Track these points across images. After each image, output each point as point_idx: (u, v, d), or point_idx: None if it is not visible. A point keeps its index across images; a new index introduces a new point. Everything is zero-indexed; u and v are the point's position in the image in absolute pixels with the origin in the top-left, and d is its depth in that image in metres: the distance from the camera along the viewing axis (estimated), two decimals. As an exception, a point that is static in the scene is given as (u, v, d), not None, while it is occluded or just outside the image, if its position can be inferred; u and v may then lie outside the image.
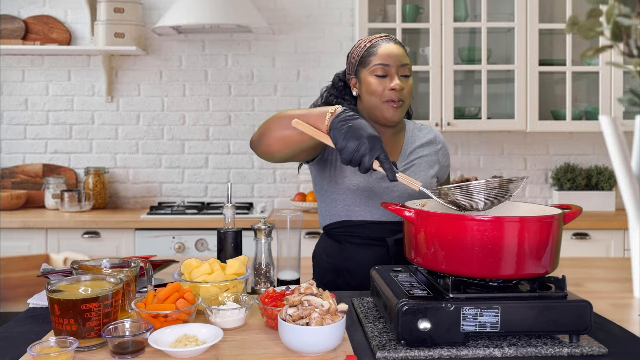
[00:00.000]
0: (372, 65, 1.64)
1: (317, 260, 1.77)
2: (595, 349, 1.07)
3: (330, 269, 1.70)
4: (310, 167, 1.75)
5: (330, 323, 1.05)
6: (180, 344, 1.06)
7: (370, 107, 1.66)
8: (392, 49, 1.65)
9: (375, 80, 1.64)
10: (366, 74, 1.66)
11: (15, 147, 3.63)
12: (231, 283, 1.29)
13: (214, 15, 3.18)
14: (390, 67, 1.63)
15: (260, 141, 1.48)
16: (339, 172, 1.67)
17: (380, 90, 1.63)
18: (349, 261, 1.67)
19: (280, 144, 1.43)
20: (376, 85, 1.63)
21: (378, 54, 1.64)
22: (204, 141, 3.65)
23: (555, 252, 1.13)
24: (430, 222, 1.14)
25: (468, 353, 1.06)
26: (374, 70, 1.64)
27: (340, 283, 1.67)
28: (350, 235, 1.68)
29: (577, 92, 3.54)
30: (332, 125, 1.28)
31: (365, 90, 1.67)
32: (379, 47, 1.65)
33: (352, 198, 1.66)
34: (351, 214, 1.67)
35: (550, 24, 3.35)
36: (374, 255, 1.64)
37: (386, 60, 1.63)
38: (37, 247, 3.11)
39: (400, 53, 1.65)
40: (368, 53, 1.67)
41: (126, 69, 3.62)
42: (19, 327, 1.24)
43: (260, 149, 1.49)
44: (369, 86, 1.65)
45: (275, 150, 1.45)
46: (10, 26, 3.53)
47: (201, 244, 3.12)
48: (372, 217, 1.66)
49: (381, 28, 3.32)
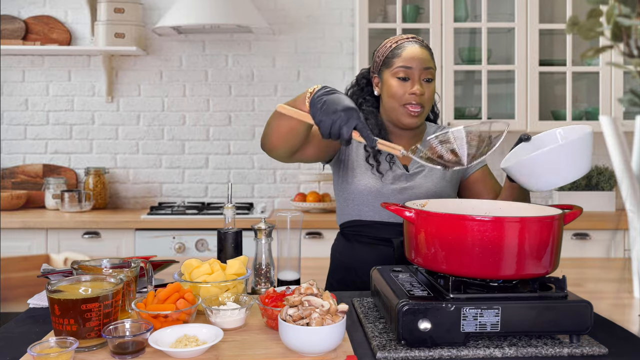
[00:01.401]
0: (394, 67, 1.63)
1: (331, 256, 1.81)
2: (595, 349, 1.07)
3: (342, 266, 1.75)
4: (331, 168, 1.79)
5: (330, 323, 1.05)
6: (180, 344, 1.06)
7: (390, 108, 1.66)
8: (417, 51, 1.63)
9: (396, 83, 1.63)
10: (388, 74, 1.65)
11: (15, 147, 3.63)
12: (231, 283, 1.30)
13: (214, 15, 3.18)
14: (413, 70, 1.62)
15: (264, 138, 1.52)
16: (350, 172, 1.70)
17: (400, 93, 1.62)
18: (356, 259, 1.70)
19: (277, 136, 1.46)
20: (396, 88, 1.63)
21: (402, 56, 1.63)
22: (204, 141, 3.65)
23: (555, 252, 1.13)
24: (430, 222, 1.14)
25: (468, 353, 1.06)
26: (396, 72, 1.63)
27: (348, 281, 1.71)
28: (359, 235, 1.71)
29: (577, 92, 3.54)
30: (311, 102, 1.29)
31: (385, 91, 1.67)
32: (404, 49, 1.64)
33: (362, 198, 1.68)
34: (361, 213, 1.69)
35: (550, 24, 3.35)
36: (379, 254, 1.65)
37: (409, 62, 1.62)
38: (37, 247, 3.10)
39: (425, 56, 1.64)
40: (392, 54, 1.65)
41: (126, 69, 3.62)
42: (19, 327, 1.24)
43: (266, 147, 1.53)
44: (389, 88, 1.65)
45: (275, 144, 1.49)
46: (10, 26, 3.53)
47: (201, 244, 3.12)
48: (381, 217, 1.67)
49: (381, 28, 3.32)
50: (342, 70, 3.62)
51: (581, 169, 1.29)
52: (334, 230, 3.11)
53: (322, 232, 3.10)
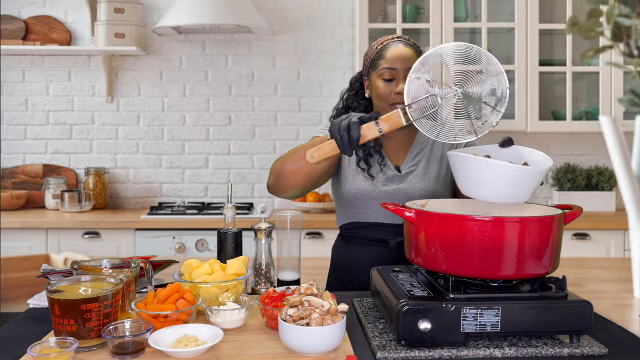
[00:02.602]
0: (380, 69, 1.65)
1: (332, 258, 1.83)
2: (595, 349, 1.07)
3: (340, 267, 1.76)
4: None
5: (330, 323, 1.05)
6: (180, 344, 1.06)
7: (379, 109, 1.68)
8: (401, 51, 1.64)
9: (382, 84, 1.65)
10: (375, 76, 1.67)
11: (15, 147, 3.63)
12: (231, 283, 1.30)
13: (214, 15, 3.18)
14: (398, 70, 1.63)
15: (278, 182, 1.59)
16: (343, 177, 1.73)
17: (387, 94, 1.64)
18: (353, 260, 1.71)
19: (299, 179, 1.53)
20: (383, 89, 1.64)
21: (386, 57, 1.64)
22: (204, 141, 3.65)
23: (555, 252, 1.13)
24: (430, 222, 1.14)
25: (468, 353, 1.06)
26: (382, 73, 1.65)
27: (346, 281, 1.73)
28: (357, 236, 1.72)
29: (577, 92, 3.54)
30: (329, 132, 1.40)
31: (374, 93, 1.69)
32: (387, 50, 1.65)
33: (355, 202, 1.70)
34: (357, 215, 1.71)
35: (550, 24, 3.35)
36: (375, 255, 1.66)
37: (393, 63, 1.63)
38: (37, 247, 3.10)
39: (409, 55, 1.64)
40: (377, 55, 1.67)
41: (126, 69, 3.61)
42: (19, 327, 1.24)
43: (279, 189, 1.60)
44: (376, 89, 1.67)
45: (295, 186, 1.56)
46: (10, 26, 3.53)
47: (201, 244, 3.12)
48: (376, 219, 1.68)
49: (381, 28, 3.32)
50: (342, 70, 3.62)
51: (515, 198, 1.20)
52: (334, 230, 3.11)
53: (322, 232, 3.10)
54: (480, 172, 1.18)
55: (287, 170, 1.54)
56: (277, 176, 1.58)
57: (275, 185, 1.60)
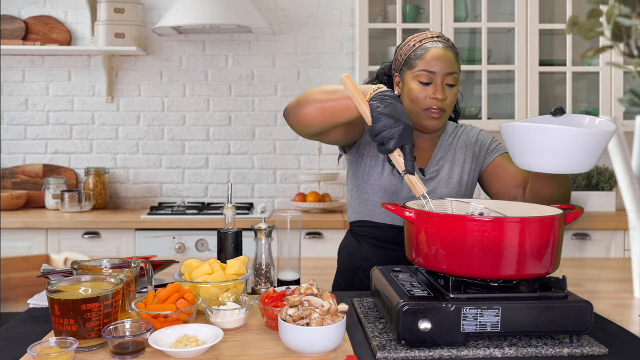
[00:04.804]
0: (416, 70, 1.55)
1: (339, 256, 1.78)
2: (595, 349, 1.07)
3: (350, 266, 1.71)
4: (346, 160, 1.73)
5: (330, 323, 1.05)
6: (180, 344, 1.06)
7: (410, 111, 1.57)
8: (441, 54, 1.54)
9: (418, 86, 1.55)
10: (410, 76, 1.57)
11: (15, 147, 3.63)
12: (231, 283, 1.29)
13: (214, 15, 3.18)
14: (436, 74, 1.53)
15: (298, 108, 1.44)
16: (368, 169, 1.65)
17: (422, 98, 1.54)
18: (365, 260, 1.67)
19: (318, 112, 1.39)
20: (417, 92, 1.55)
21: (424, 58, 1.54)
22: (204, 141, 3.64)
23: (555, 252, 1.13)
24: (430, 222, 1.14)
25: (468, 353, 1.06)
26: (418, 75, 1.54)
27: (356, 281, 1.69)
28: (369, 236, 1.68)
29: (577, 92, 3.54)
30: (375, 95, 1.27)
31: (406, 94, 1.59)
32: (427, 51, 1.54)
33: (376, 198, 1.64)
34: (373, 214, 1.66)
35: (550, 24, 3.35)
36: (387, 257, 1.63)
37: (432, 67, 1.53)
38: (37, 247, 3.10)
39: (449, 59, 1.54)
40: (415, 54, 1.56)
41: (126, 69, 3.61)
42: (19, 327, 1.24)
43: (296, 117, 1.45)
44: (410, 91, 1.56)
45: (310, 118, 1.41)
46: (10, 26, 3.53)
47: (201, 244, 3.12)
48: (392, 220, 1.64)
49: (381, 28, 3.32)
50: (342, 70, 3.61)
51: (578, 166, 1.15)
52: (334, 230, 3.12)
53: (322, 232, 3.10)
54: (538, 140, 1.11)
55: (314, 98, 1.41)
56: (301, 100, 1.44)
57: (295, 110, 1.46)
